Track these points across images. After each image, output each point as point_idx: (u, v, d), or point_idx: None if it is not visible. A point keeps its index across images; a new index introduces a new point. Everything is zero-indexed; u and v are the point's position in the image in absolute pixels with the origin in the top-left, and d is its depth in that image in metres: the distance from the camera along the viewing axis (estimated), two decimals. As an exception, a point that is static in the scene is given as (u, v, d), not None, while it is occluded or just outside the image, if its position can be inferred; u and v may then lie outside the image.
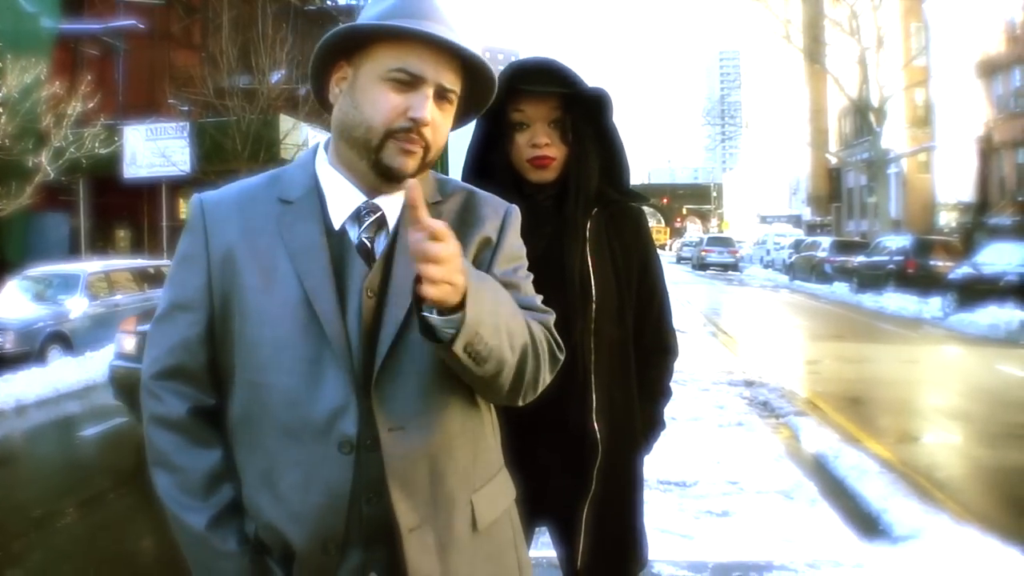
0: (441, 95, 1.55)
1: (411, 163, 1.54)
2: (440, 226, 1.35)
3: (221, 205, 1.62)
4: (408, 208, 1.37)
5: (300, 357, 1.50)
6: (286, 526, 1.51)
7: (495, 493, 1.68)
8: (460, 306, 1.38)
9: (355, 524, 1.51)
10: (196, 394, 1.59)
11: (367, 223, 1.58)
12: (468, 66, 1.60)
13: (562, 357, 1.67)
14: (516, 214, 1.73)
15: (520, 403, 1.62)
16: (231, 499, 1.57)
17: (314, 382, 1.50)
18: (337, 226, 1.58)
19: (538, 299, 1.69)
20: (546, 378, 1.63)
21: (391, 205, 1.60)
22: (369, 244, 1.58)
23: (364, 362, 1.51)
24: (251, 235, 1.57)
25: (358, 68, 1.56)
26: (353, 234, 1.58)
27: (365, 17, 1.58)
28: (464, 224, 1.64)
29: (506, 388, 1.54)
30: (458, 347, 1.39)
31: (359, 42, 1.56)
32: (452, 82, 1.57)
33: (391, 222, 1.60)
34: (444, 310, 1.38)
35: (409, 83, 1.52)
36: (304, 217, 1.57)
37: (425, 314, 1.39)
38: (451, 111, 1.61)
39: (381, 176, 1.56)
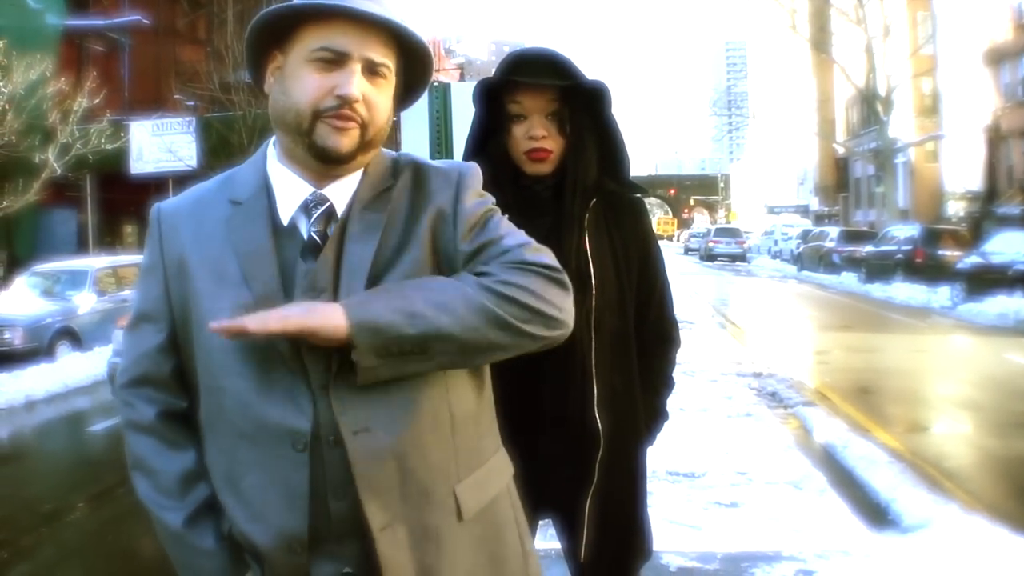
0: (371, 70, 1.51)
1: (345, 141, 1.50)
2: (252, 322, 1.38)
3: (175, 212, 1.62)
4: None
5: (250, 360, 1.49)
6: (250, 527, 1.52)
7: (484, 479, 1.63)
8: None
9: (323, 522, 1.49)
10: (165, 398, 1.60)
11: (316, 215, 1.54)
12: (400, 41, 1.56)
13: (562, 277, 1.54)
14: (471, 175, 1.64)
15: (534, 344, 1.51)
16: (206, 498, 1.58)
17: (265, 384, 1.49)
18: (286, 221, 1.55)
19: (523, 239, 1.57)
20: (552, 307, 1.50)
21: (339, 193, 1.56)
22: (319, 238, 1.54)
23: (317, 362, 1.47)
24: (201, 241, 1.56)
25: (288, 54, 1.54)
26: (303, 228, 1.55)
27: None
28: (414, 205, 1.58)
29: (491, 346, 1.47)
30: (369, 357, 1.39)
31: (286, 28, 1.53)
32: (382, 55, 1.52)
33: (339, 211, 1.56)
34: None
35: (335, 61, 1.49)
36: (253, 218, 1.55)
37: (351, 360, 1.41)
38: (386, 87, 1.56)
39: (318, 159, 1.52)
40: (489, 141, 2.38)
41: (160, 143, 22.81)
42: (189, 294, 1.55)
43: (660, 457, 4.13)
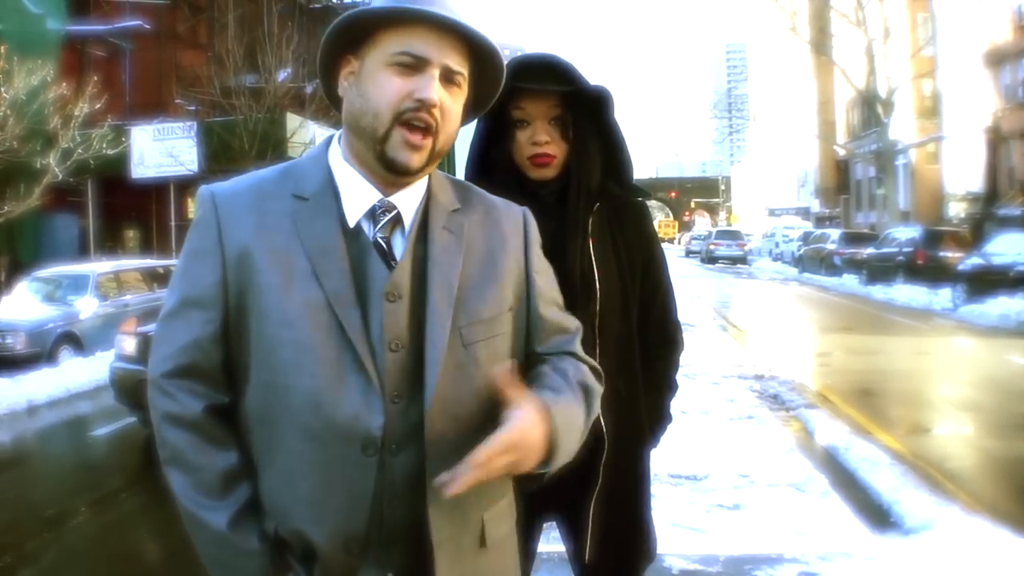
0: (448, 78, 1.53)
1: (416, 158, 1.52)
2: (510, 437, 1.45)
3: (234, 199, 1.58)
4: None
5: (323, 360, 1.48)
6: (309, 527, 1.50)
7: (504, 513, 1.69)
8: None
9: (375, 526, 1.51)
10: (210, 392, 1.55)
11: (383, 222, 1.56)
12: (475, 50, 1.58)
13: (602, 384, 1.77)
14: (532, 220, 1.75)
15: None
16: (249, 497, 1.54)
17: (337, 385, 1.48)
18: (352, 223, 1.56)
19: (567, 318, 1.78)
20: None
21: (406, 202, 1.59)
22: (385, 244, 1.56)
23: (391, 369, 1.51)
24: (267, 232, 1.54)
25: (364, 59, 1.54)
26: (368, 232, 1.56)
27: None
28: (491, 242, 1.66)
29: None
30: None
31: (363, 32, 1.54)
32: (459, 64, 1.54)
33: (406, 220, 1.58)
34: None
35: (414, 66, 1.50)
36: (320, 214, 1.55)
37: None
38: (460, 96, 1.58)
39: (388, 170, 1.54)
40: (492, 147, 2.39)
41: (161, 148, 22.80)
42: (250, 286, 1.53)
43: (662, 460, 4.14)
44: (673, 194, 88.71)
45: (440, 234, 1.59)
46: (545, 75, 2.31)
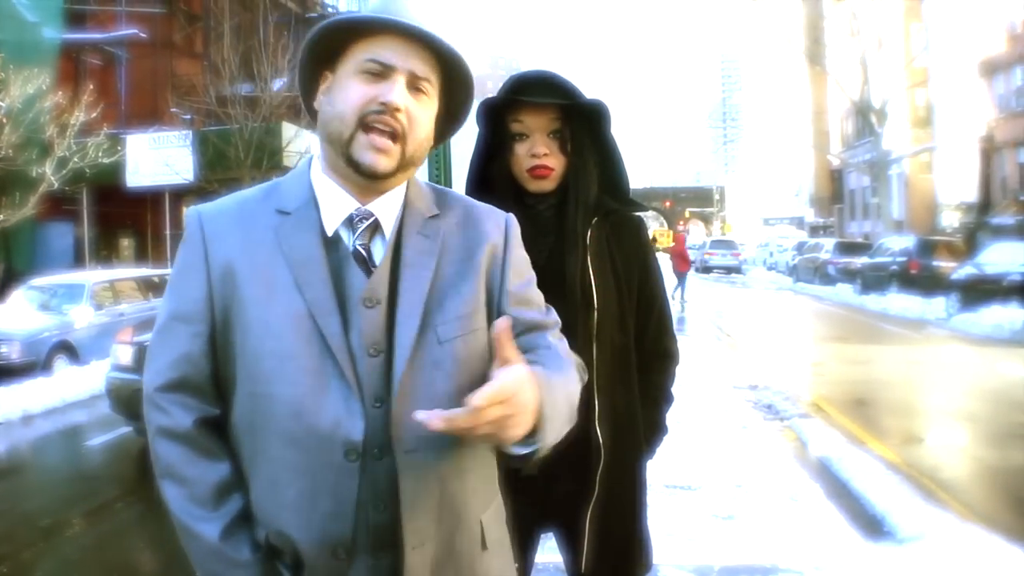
0: (414, 85, 1.58)
1: (383, 161, 1.56)
2: (506, 386, 1.43)
3: (220, 217, 1.63)
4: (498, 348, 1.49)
5: (303, 368, 1.51)
6: (296, 533, 1.52)
7: (499, 515, 1.72)
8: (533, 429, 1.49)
9: (362, 531, 1.53)
10: (201, 405, 1.59)
11: (360, 229, 1.60)
12: (443, 61, 1.62)
13: (585, 378, 1.78)
14: (516, 224, 1.76)
15: None
16: (241, 508, 1.57)
17: (319, 392, 1.51)
18: (331, 232, 1.60)
19: (545, 310, 1.76)
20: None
21: (384, 210, 1.62)
22: (364, 252, 1.60)
23: (371, 374, 1.54)
24: (251, 247, 1.58)
25: (336, 72, 1.61)
26: (348, 241, 1.60)
27: None
28: (468, 240, 1.67)
29: None
30: (532, 461, 1.54)
31: (337, 47, 1.60)
32: (424, 72, 1.59)
33: (385, 228, 1.62)
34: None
35: (380, 73, 1.55)
36: (302, 228, 1.59)
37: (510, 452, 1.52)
38: (429, 104, 1.62)
39: (356, 172, 1.57)
40: (492, 162, 2.42)
41: (157, 156, 22.81)
42: (234, 300, 1.57)
43: (657, 470, 4.13)
44: (667, 203, 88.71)
45: (414, 239, 1.62)
46: (543, 90, 2.35)
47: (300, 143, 22.90)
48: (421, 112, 1.59)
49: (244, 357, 1.56)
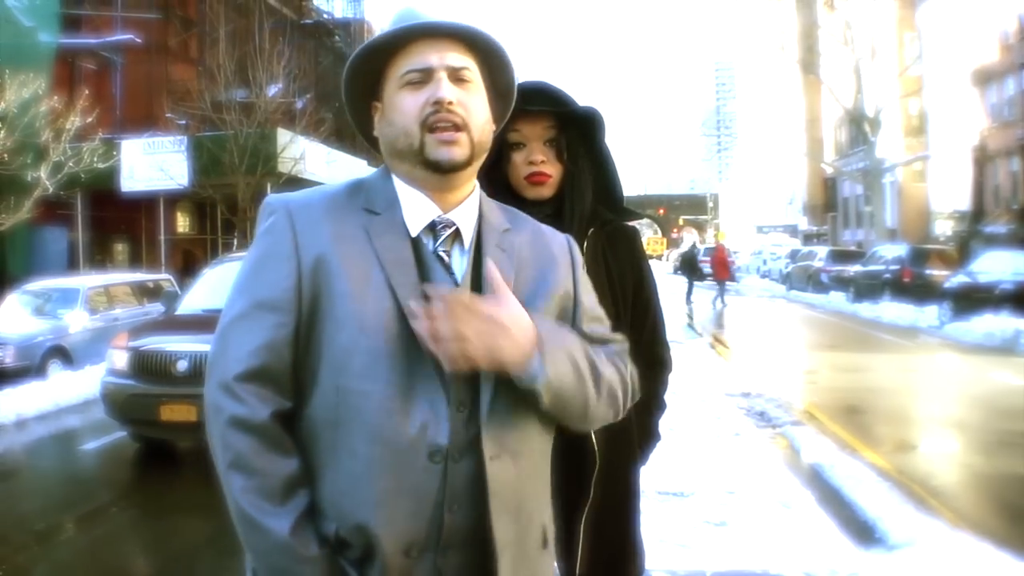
0: (456, 76, 1.63)
1: (456, 151, 1.61)
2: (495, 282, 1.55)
3: (309, 209, 1.64)
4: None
5: (395, 367, 1.55)
6: (375, 529, 1.53)
7: (552, 514, 1.80)
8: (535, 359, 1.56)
9: (436, 530, 1.55)
10: (277, 397, 1.57)
11: (443, 237, 1.65)
12: (475, 45, 1.68)
13: (634, 393, 1.87)
14: (577, 248, 1.85)
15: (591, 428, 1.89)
16: (308, 504, 1.55)
17: (409, 393, 1.55)
18: (414, 235, 1.64)
19: (611, 329, 1.86)
20: (620, 411, 1.83)
21: (463, 219, 1.68)
22: (447, 258, 1.65)
23: (457, 379, 1.57)
24: (342, 242, 1.60)
25: (384, 98, 1.68)
26: (429, 245, 1.65)
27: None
28: (540, 261, 1.74)
29: (590, 419, 1.76)
30: (546, 399, 1.59)
31: (374, 76, 1.68)
32: (462, 62, 1.64)
33: (465, 236, 1.67)
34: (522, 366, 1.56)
35: (422, 80, 1.62)
36: (391, 229, 1.63)
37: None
38: (476, 89, 1.67)
39: (436, 171, 1.62)
40: (489, 171, 2.46)
41: (151, 161, 22.79)
42: (324, 292, 1.57)
43: (650, 476, 4.17)
44: (662, 211, 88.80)
45: (494, 251, 1.67)
46: (539, 100, 2.40)
47: (294, 149, 22.93)
48: (472, 99, 1.65)
49: (332, 350, 1.56)
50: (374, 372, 1.54)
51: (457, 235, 1.67)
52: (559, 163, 2.43)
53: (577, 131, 2.45)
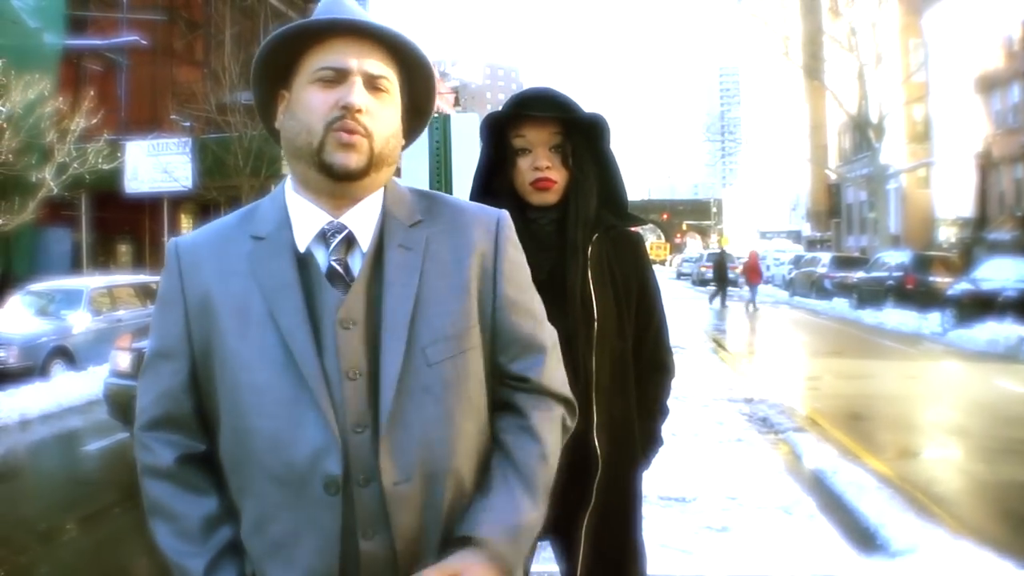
0: (372, 84, 1.52)
1: (353, 157, 1.50)
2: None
3: (195, 248, 1.59)
4: None
5: (279, 400, 1.47)
6: (280, 570, 1.48)
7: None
8: None
9: (351, 563, 1.48)
10: (185, 441, 1.57)
11: (334, 244, 1.53)
12: (399, 55, 1.58)
13: (572, 426, 1.76)
14: (508, 223, 1.67)
15: None
16: (229, 540, 1.54)
17: (295, 424, 1.46)
18: (303, 250, 1.53)
19: (542, 324, 1.68)
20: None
21: (358, 221, 1.55)
22: (341, 268, 1.53)
23: (351, 399, 1.48)
24: (225, 277, 1.53)
25: (292, 87, 1.56)
26: (321, 258, 1.54)
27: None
28: (455, 249, 1.59)
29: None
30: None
31: (287, 62, 1.57)
32: (380, 70, 1.54)
33: (362, 240, 1.55)
34: None
35: (335, 79, 1.50)
36: (276, 253, 1.53)
37: None
38: (390, 101, 1.56)
39: (330, 177, 1.50)
40: (494, 177, 2.48)
41: (156, 163, 22.81)
42: (213, 332, 1.53)
43: (651, 482, 4.16)
44: (665, 216, 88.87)
45: (395, 253, 1.54)
46: (544, 105, 2.42)
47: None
48: (383, 110, 1.54)
49: (224, 391, 1.52)
50: (258, 408, 1.48)
51: (354, 239, 1.55)
52: (564, 169, 2.44)
53: (582, 137, 2.46)
